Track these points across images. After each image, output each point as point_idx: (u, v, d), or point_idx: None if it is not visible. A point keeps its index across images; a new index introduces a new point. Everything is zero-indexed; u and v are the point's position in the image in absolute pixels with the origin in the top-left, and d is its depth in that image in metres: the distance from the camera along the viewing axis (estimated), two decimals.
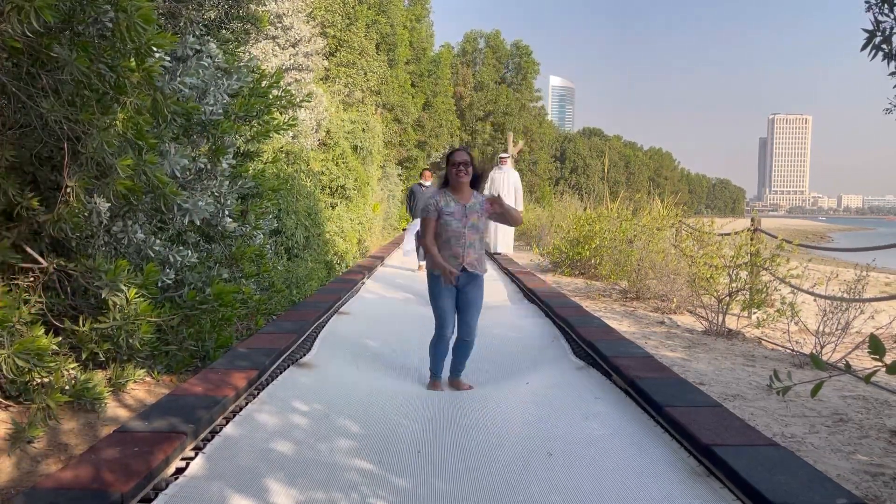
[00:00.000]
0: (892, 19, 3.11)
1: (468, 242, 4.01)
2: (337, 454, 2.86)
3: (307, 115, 12.57)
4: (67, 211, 3.40)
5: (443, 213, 4.01)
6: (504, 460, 2.82)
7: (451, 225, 3.99)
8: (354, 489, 2.51)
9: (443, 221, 4.00)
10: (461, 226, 3.99)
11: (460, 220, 4.00)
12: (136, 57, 3.39)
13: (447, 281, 3.94)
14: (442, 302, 4.09)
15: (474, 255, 4.05)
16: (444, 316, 4.10)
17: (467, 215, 4.02)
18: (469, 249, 4.02)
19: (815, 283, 6.52)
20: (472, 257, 4.04)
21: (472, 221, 4.02)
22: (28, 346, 2.97)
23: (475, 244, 4.05)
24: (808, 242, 10.05)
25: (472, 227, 4.03)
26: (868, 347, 1.76)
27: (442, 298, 4.09)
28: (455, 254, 4.02)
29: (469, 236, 4.01)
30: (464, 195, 4.07)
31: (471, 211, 4.03)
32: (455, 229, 3.99)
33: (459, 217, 4.00)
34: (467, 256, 4.02)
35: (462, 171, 4.00)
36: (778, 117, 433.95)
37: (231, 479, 2.55)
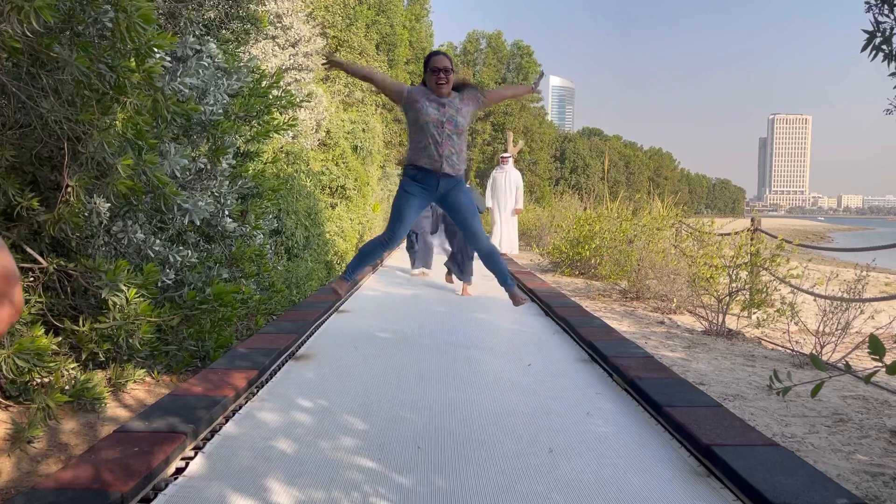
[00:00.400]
0: (892, 20, 3.11)
1: (445, 133, 3.56)
2: (337, 451, 2.86)
3: (307, 115, 12.57)
4: (67, 211, 3.41)
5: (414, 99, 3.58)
6: (506, 453, 2.82)
7: (427, 111, 3.55)
8: (355, 487, 2.51)
9: (416, 110, 3.56)
10: (439, 114, 3.56)
11: (438, 109, 3.58)
12: (136, 57, 3.39)
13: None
14: (404, 206, 3.64)
15: (453, 150, 3.60)
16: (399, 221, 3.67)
17: (446, 105, 3.61)
18: (446, 141, 3.56)
19: (815, 283, 6.52)
20: (450, 151, 3.59)
21: (452, 114, 3.60)
22: (28, 346, 2.97)
23: (454, 139, 3.59)
24: (808, 242, 10.05)
25: (452, 119, 3.61)
26: (868, 347, 1.76)
27: (406, 202, 3.64)
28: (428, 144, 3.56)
29: (447, 128, 3.57)
30: (443, 96, 3.67)
31: (448, 103, 3.63)
32: (432, 116, 3.55)
33: (437, 107, 3.59)
34: (444, 148, 3.56)
35: (442, 78, 3.59)
36: (778, 117, 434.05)
37: (231, 478, 2.55)
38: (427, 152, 3.54)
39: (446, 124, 3.58)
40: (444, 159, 3.56)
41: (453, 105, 3.64)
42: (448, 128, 3.59)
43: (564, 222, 14.16)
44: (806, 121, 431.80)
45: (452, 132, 3.60)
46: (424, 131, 3.54)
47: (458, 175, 3.67)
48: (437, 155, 3.53)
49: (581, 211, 14.54)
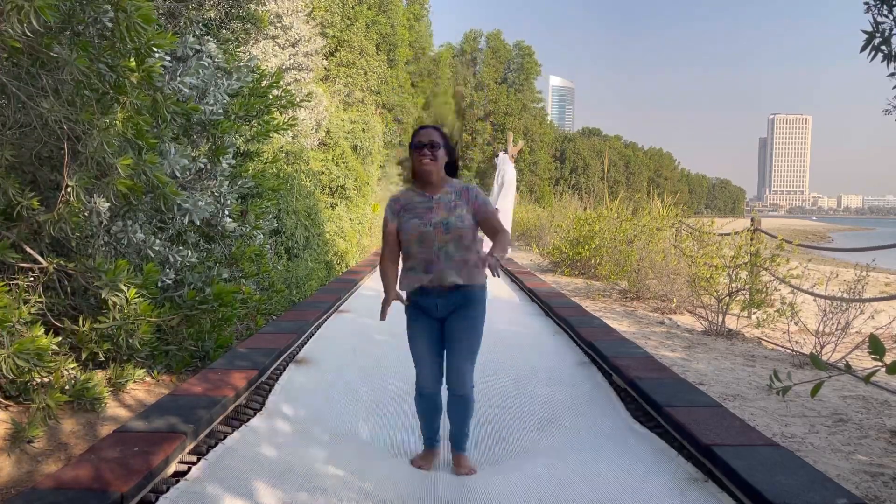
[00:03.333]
0: (891, 20, 3.11)
1: (438, 246, 2.79)
2: (337, 451, 2.85)
3: (307, 114, 12.57)
4: (67, 211, 3.40)
5: (402, 214, 2.89)
6: (506, 453, 2.82)
7: (410, 225, 2.82)
8: (355, 488, 2.51)
9: (402, 222, 2.87)
10: (422, 224, 2.80)
11: (423, 216, 2.82)
12: (136, 57, 3.39)
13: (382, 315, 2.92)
14: (415, 341, 3.00)
15: (453, 265, 2.82)
16: (417, 362, 3.00)
17: (434, 209, 2.82)
18: (442, 255, 2.80)
19: (815, 283, 6.52)
20: (448, 267, 2.81)
21: (443, 217, 2.80)
22: (28, 346, 2.97)
23: (451, 248, 2.80)
24: (808, 242, 10.06)
25: (443, 224, 2.79)
26: (868, 347, 1.76)
27: (415, 336, 3.00)
28: (422, 266, 2.84)
29: (439, 237, 2.79)
30: (432, 186, 2.89)
31: (440, 203, 2.84)
32: (418, 230, 2.80)
33: (423, 212, 2.83)
34: (439, 266, 2.80)
35: (427, 154, 2.82)
36: (778, 117, 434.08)
37: (231, 477, 2.55)
38: (419, 271, 2.85)
39: (437, 234, 2.80)
40: (443, 279, 2.82)
41: (445, 204, 2.84)
42: (440, 238, 2.80)
43: (564, 222, 14.17)
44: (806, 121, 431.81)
45: (448, 242, 2.80)
46: (412, 251, 2.84)
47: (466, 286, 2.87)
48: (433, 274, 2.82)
49: (581, 211, 14.55)
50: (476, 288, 2.93)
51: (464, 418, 2.90)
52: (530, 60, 43.64)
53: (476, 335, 2.95)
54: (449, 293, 2.85)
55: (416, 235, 2.81)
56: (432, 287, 2.84)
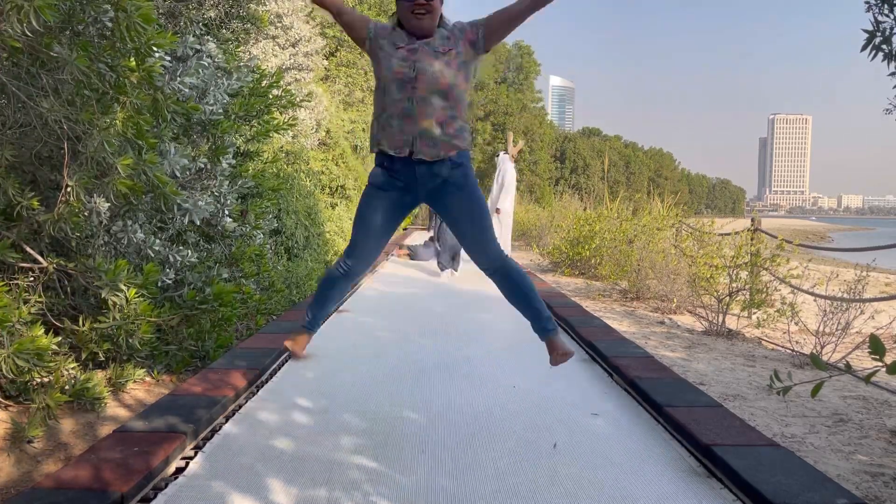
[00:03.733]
0: (892, 19, 3.11)
1: (420, 98, 2.26)
2: (337, 451, 2.86)
3: (307, 114, 12.57)
4: (67, 210, 3.40)
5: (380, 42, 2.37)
6: (506, 452, 2.81)
7: (392, 63, 2.29)
8: (356, 487, 2.51)
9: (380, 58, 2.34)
10: (406, 64, 2.27)
11: (407, 56, 2.29)
12: (136, 57, 3.39)
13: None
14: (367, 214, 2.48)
15: (433, 122, 2.27)
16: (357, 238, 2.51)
17: (419, 50, 2.30)
18: (422, 109, 2.26)
19: (815, 283, 6.52)
20: (426, 125, 2.27)
21: (426, 61, 2.27)
22: (28, 346, 2.97)
23: (434, 103, 2.27)
24: (808, 242, 10.06)
25: (426, 68, 2.27)
26: (868, 347, 1.76)
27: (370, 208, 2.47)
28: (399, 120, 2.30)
29: (421, 84, 2.26)
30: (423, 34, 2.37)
31: (427, 46, 2.32)
32: (397, 69, 2.27)
33: (406, 52, 2.31)
34: (417, 123, 2.27)
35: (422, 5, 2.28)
36: (778, 117, 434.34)
37: (230, 478, 2.55)
38: (389, 128, 2.30)
39: (419, 80, 2.26)
40: (418, 137, 2.26)
41: (431, 48, 2.31)
42: (422, 85, 2.26)
43: (564, 222, 14.16)
44: (806, 121, 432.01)
45: (431, 91, 2.27)
46: (386, 94, 2.30)
47: (448, 158, 2.33)
48: (405, 131, 2.27)
49: (581, 211, 14.55)
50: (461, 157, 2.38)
51: (524, 294, 2.51)
52: (530, 60, 43.68)
53: (481, 206, 2.46)
54: (430, 166, 2.31)
55: (394, 76, 2.26)
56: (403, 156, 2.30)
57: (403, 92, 2.28)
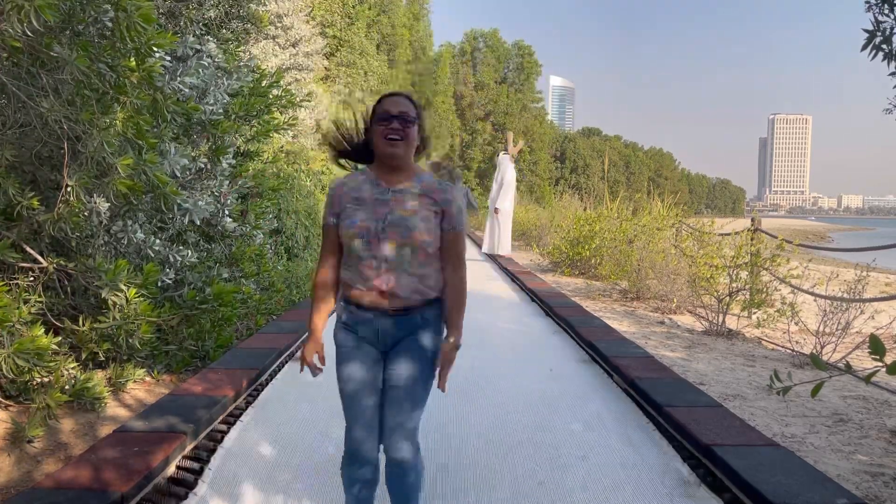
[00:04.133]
0: (892, 19, 3.11)
1: (385, 257, 2.04)
2: (337, 451, 2.86)
3: (307, 114, 12.58)
4: (67, 210, 3.40)
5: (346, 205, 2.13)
6: (506, 452, 2.81)
7: (356, 219, 2.07)
8: None
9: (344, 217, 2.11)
10: (373, 218, 2.06)
11: (374, 209, 2.08)
12: (136, 56, 3.39)
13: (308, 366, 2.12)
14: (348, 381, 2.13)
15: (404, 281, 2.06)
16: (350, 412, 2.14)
17: (391, 202, 2.08)
18: (385, 269, 2.05)
19: (816, 283, 6.52)
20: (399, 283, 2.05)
21: (400, 215, 2.06)
22: (28, 346, 2.97)
23: (405, 259, 2.06)
24: (808, 242, 10.07)
25: (399, 224, 2.05)
26: (868, 347, 1.76)
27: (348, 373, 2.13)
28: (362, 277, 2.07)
29: (386, 243, 2.04)
30: (394, 174, 2.14)
31: (400, 195, 2.09)
32: (362, 224, 2.06)
33: (374, 204, 2.09)
34: (382, 283, 2.05)
35: (396, 129, 2.08)
36: (778, 117, 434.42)
37: (231, 477, 2.55)
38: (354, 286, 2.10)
39: (385, 237, 2.05)
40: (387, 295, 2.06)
41: (406, 199, 2.10)
42: (387, 245, 2.05)
43: (564, 222, 14.16)
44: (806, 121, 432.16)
45: (398, 250, 2.05)
46: (351, 259, 2.10)
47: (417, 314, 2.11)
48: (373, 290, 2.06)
49: (581, 211, 14.54)
50: (431, 307, 2.13)
51: (407, 496, 2.12)
52: (530, 60, 43.68)
53: (427, 375, 2.11)
54: (396, 317, 2.07)
55: (359, 232, 2.04)
56: (374, 307, 2.07)
57: (369, 249, 2.04)
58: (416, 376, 2.09)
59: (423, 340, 2.12)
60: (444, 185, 2.18)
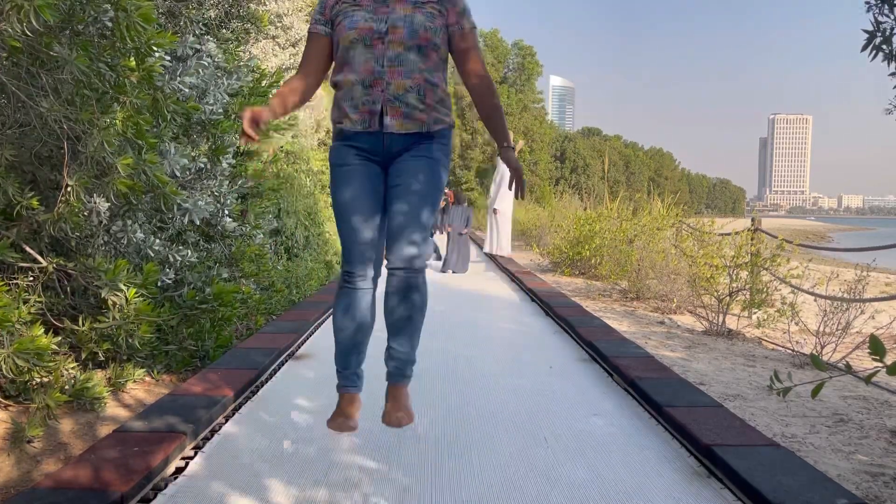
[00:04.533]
0: (892, 20, 3.11)
1: (393, 56, 1.89)
2: (337, 450, 2.86)
3: (307, 114, 12.57)
4: (67, 210, 3.40)
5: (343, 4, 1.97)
6: (506, 452, 2.81)
7: (356, 18, 1.91)
8: (356, 487, 2.51)
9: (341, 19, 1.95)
10: (376, 17, 1.91)
11: (376, 8, 1.93)
12: (136, 56, 3.39)
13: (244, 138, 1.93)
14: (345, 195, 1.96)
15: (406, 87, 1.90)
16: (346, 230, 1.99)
17: (389, 3, 1.95)
18: (394, 71, 1.89)
19: (816, 283, 6.52)
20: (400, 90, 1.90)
21: (403, 11, 1.92)
22: (27, 346, 2.97)
23: (410, 62, 1.90)
24: (809, 242, 10.06)
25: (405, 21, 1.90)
26: (868, 348, 1.76)
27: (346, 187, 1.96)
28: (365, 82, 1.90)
29: (394, 40, 1.89)
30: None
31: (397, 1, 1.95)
32: (363, 25, 1.90)
33: (372, 4, 1.95)
34: (388, 87, 1.89)
35: None
36: (778, 117, 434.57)
37: (230, 477, 2.55)
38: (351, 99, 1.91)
39: (392, 33, 1.88)
40: (389, 103, 1.89)
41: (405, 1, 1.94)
42: (396, 39, 1.89)
43: (564, 222, 14.15)
44: (806, 121, 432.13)
45: (408, 46, 1.89)
46: (352, 60, 1.90)
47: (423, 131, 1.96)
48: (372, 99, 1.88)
49: (581, 211, 14.54)
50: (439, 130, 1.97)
51: (409, 317, 1.98)
52: (532, 61, 43.66)
53: (435, 181, 1.93)
54: (406, 136, 1.91)
55: (361, 33, 1.86)
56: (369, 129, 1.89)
57: (371, 51, 1.85)
58: (424, 182, 1.91)
59: (430, 146, 1.95)
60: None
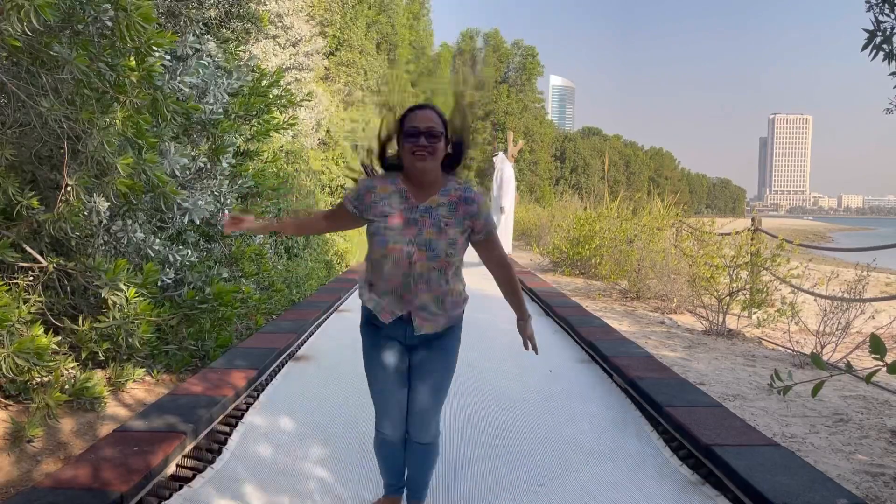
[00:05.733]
0: (892, 19, 3.11)
1: (418, 274, 2.16)
2: (337, 450, 2.85)
3: (307, 114, 12.57)
4: (67, 210, 3.40)
5: (372, 211, 2.22)
6: (506, 452, 2.81)
7: (386, 238, 2.16)
8: (356, 486, 2.51)
9: (373, 230, 2.22)
10: (404, 240, 2.14)
11: (403, 229, 2.15)
12: (135, 56, 3.39)
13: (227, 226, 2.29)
14: (376, 372, 2.34)
15: (429, 300, 2.20)
16: (379, 400, 2.36)
17: (420, 222, 2.16)
18: (420, 286, 2.17)
19: (816, 282, 6.51)
20: (425, 301, 2.20)
21: (429, 237, 2.15)
22: (28, 346, 2.97)
23: (432, 279, 2.18)
24: (809, 242, 10.06)
25: (428, 246, 2.15)
26: (868, 347, 1.76)
27: (376, 365, 2.34)
28: (394, 296, 2.21)
29: (419, 262, 2.14)
30: (423, 188, 2.20)
31: (428, 215, 2.17)
32: (392, 246, 2.15)
33: (403, 224, 2.16)
34: (415, 299, 2.19)
35: (424, 146, 2.13)
36: (778, 117, 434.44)
37: (231, 477, 2.55)
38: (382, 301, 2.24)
39: (417, 258, 2.15)
40: (415, 312, 2.21)
41: (434, 218, 2.18)
42: (420, 263, 2.15)
43: (564, 222, 14.15)
44: (806, 121, 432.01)
45: (430, 270, 2.17)
46: (383, 271, 2.19)
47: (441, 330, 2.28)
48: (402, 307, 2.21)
49: (581, 211, 14.54)
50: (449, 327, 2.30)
51: (426, 468, 2.38)
52: (533, 61, 43.69)
53: (449, 371, 2.32)
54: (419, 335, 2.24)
55: (389, 253, 2.15)
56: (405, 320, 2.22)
57: (399, 268, 2.16)
58: (441, 371, 2.32)
59: (446, 339, 2.32)
60: (468, 193, 2.23)
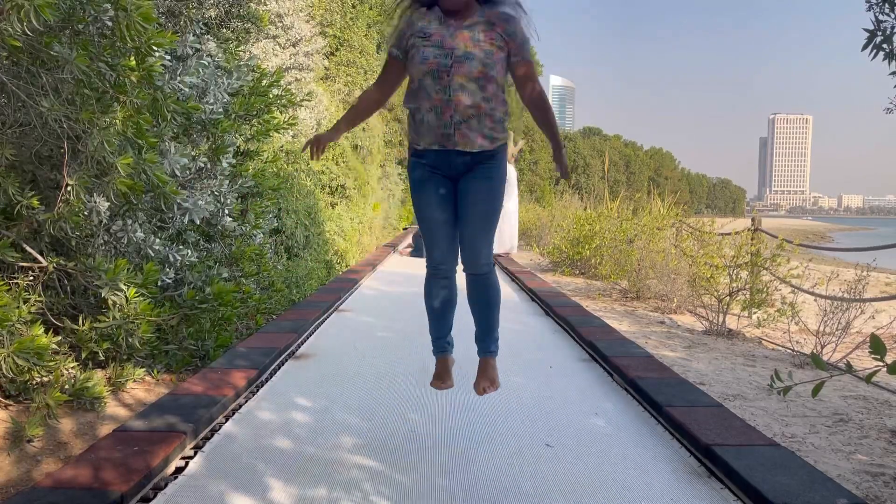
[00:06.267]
0: (892, 19, 3.11)
1: (456, 85, 2.20)
2: (337, 450, 2.86)
3: (307, 114, 12.57)
4: (67, 210, 3.40)
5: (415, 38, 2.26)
6: (506, 452, 2.81)
7: (427, 54, 2.22)
8: (355, 486, 2.51)
9: (413, 52, 2.26)
10: (442, 53, 2.20)
11: (442, 42, 2.21)
12: (136, 56, 3.39)
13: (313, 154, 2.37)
14: (425, 208, 2.40)
15: (470, 114, 2.24)
16: (429, 235, 2.41)
17: (457, 36, 2.22)
18: (460, 98, 2.21)
19: (816, 282, 6.52)
20: (465, 114, 2.24)
21: (465, 49, 2.20)
22: (27, 345, 2.97)
23: (473, 91, 2.22)
24: (809, 242, 10.06)
25: (465, 57, 2.19)
26: (869, 347, 1.76)
27: (425, 201, 2.39)
28: (435, 113, 2.25)
29: (458, 73, 2.18)
30: (458, 13, 2.27)
31: (466, 30, 2.23)
32: (432, 60, 2.20)
33: (441, 39, 2.22)
34: (455, 114, 2.23)
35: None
36: (778, 117, 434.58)
37: (230, 477, 2.55)
38: (426, 124, 2.26)
39: (455, 70, 2.17)
40: (457, 126, 2.22)
41: (470, 31, 2.22)
42: (458, 75, 2.18)
43: (565, 222, 14.15)
44: (806, 121, 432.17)
45: (469, 79, 2.19)
46: (422, 91, 2.24)
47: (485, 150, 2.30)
48: (442, 124, 2.22)
49: (581, 210, 14.54)
50: (498, 148, 2.34)
51: (488, 306, 2.39)
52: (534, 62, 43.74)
53: (494, 201, 2.36)
54: (466, 156, 2.28)
55: (430, 67, 2.17)
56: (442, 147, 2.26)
57: (439, 82, 2.21)
58: (486, 201, 2.36)
59: (492, 169, 2.36)
60: (506, 16, 2.32)
